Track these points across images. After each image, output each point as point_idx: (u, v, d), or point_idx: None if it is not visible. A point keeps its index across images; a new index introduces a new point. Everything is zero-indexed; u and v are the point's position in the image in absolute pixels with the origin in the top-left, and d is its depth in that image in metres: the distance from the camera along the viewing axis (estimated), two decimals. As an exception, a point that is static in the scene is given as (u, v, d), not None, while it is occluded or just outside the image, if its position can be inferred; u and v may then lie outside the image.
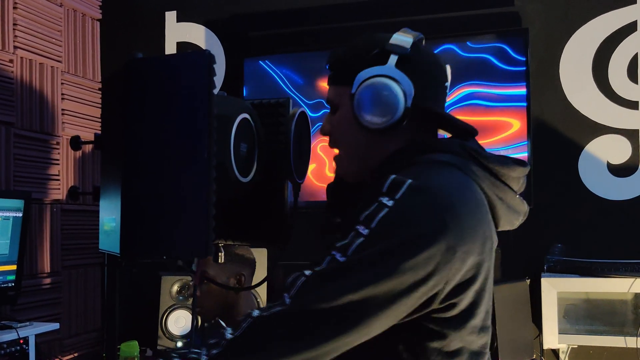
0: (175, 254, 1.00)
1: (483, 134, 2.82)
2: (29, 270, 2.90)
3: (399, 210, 0.91)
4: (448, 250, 0.89)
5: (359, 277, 0.87)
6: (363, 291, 0.86)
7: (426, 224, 0.90)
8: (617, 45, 2.81)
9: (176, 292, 2.97)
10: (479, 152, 1.03)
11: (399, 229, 0.90)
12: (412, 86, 1.03)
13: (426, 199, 0.92)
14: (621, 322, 2.57)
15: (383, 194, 0.93)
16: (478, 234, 0.95)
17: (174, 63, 1.01)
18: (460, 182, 0.99)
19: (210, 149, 0.97)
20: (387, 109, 1.03)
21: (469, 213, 0.94)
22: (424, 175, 0.97)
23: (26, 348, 2.49)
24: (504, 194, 1.04)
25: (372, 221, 0.91)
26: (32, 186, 2.95)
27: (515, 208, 1.07)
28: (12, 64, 2.91)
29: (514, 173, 1.04)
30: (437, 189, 0.93)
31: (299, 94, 3.09)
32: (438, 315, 0.94)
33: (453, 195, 0.94)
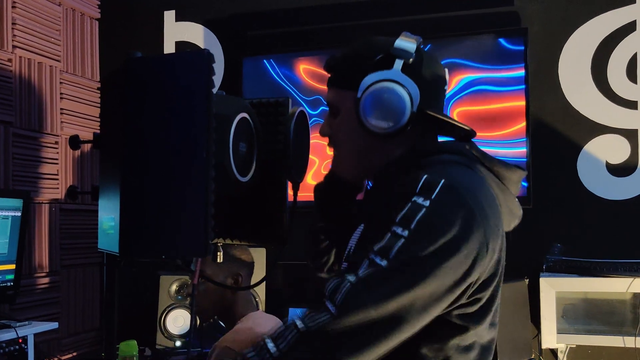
0: (174, 253, 1.00)
1: (483, 129, 2.83)
2: (28, 270, 2.90)
3: (437, 210, 0.91)
4: (481, 246, 0.92)
5: (405, 281, 0.88)
6: (409, 294, 0.87)
7: (463, 222, 0.91)
8: (616, 44, 2.81)
9: (175, 291, 2.97)
10: (483, 154, 1.05)
11: (439, 229, 0.90)
12: (419, 91, 1.04)
13: (459, 197, 0.92)
14: (620, 321, 2.57)
15: (417, 194, 0.93)
16: (500, 230, 0.97)
17: (173, 62, 1.01)
18: (478, 180, 1.00)
19: (209, 149, 0.97)
20: (394, 113, 1.03)
21: (492, 210, 0.97)
22: (451, 174, 0.97)
23: (25, 347, 2.49)
24: (506, 196, 1.06)
25: (411, 222, 0.90)
26: (31, 185, 2.95)
27: (514, 211, 1.09)
28: (10, 63, 2.90)
29: (515, 176, 1.06)
30: (467, 187, 0.95)
31: (299, 93, 3.09)
32: (463, 311, 0.96)
33: (479, 193, 0.96)
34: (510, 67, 2.80)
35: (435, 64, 1.11)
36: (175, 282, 2.97)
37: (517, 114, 2.79)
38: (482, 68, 2.83)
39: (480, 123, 2.82)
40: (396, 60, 1.05)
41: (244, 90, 3.17)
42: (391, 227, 0.92)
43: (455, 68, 2.85)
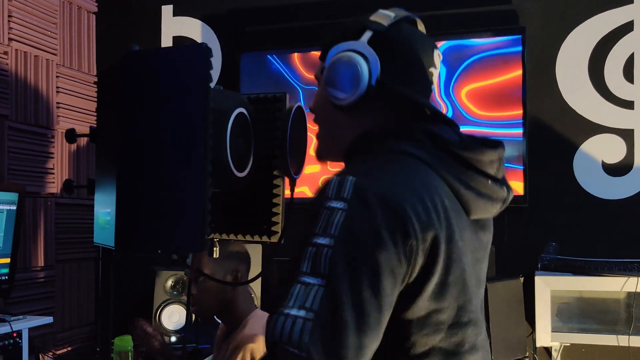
0: (171, 248, 1.00)
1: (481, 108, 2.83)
2: (23, 264, 2.89)
3: (352, 211, 0.86)
4: (406, 244, 0.86)
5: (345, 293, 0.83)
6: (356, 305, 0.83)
7: (383, 221, 0.86)
8: (613, 44, 2.82)
9: (170, 287, 2.97)
10: (444, 139, 0.98)
11: (360, 230, 0.86)
12: (379, 64, 1.00)
13: (374, 193, 0.87)
14: (613, 320, 2.58)
15: (329, 197, 0.88)
16: (431, 227, 0.89)
17: (171, 56, 1.01)
18: (410, 174, 0.94)
19: (207, 143, 0.97)
20: (350, 84, 1.00)
21: (416, 207, 0.89)
22: (367, 169, 0.94)
23: (19, 341, 2.48)
24: (473, 181, 0.98)
25: (331, 228, 0.86)
26: (27, 179, 2.94)
27: (489, 195, 1.00)
28: (6, 56, 2.89)
29: (485, 157, 0.99)
30: (380, 182, 0.90)
31: (296, 88, 3.08)
32: (400, 317, 0.90)
33: (398, 192, 0.89)
34: (508, 65, 2.80)
35: (415, 41, 1.04)
36: (171, 277, 2.97)
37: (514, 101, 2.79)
38: (479, 76, 2.84)
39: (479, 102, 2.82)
40: (366, 31, 1.02)
41: (241, 86, 3.17)
42: (311, 239, 0.87)
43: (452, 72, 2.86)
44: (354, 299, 0.83)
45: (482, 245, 1.07)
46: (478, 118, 2.84)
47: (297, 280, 0.86)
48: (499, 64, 2.83)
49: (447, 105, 2.87)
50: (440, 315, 0.92)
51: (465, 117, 2.84)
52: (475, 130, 2.81)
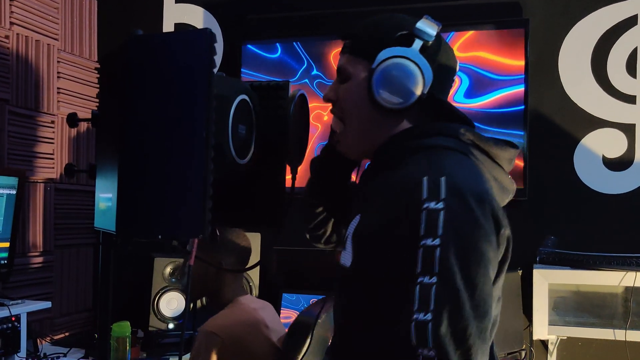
0: (172, 233, 1.00)
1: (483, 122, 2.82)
2: (22, 249, 2.90)
3: (455, 209, 0.91)
4: (500, 235, 0.97)
5: (462, 286, 0.88)
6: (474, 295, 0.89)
7: (481, 215, 0.93)
8: (616, 38, 2.81)
9: (169, 273, 2.97)
10: (477, 135, 1.06)
11: (464, 226, 0.91)
12: (432, 75, 1.05)
13: (468, 191, 0.93)
14: (610, 314, 2.59)
15: (425, 199, 0.91)
16: (505, 217, 0.99)
17: (174, 41, 1.00)
18: (471, 166, 1.03)
19: (209, 129, 0.96)
20: (405, 91, 1.04)
21: (491, 192, 1.00)
22: (446, 167, 0.97)
23: (18, 326, 2.49)
24: (498, 174, 1.08)
25: (437, 229, 0.89)
26: (27, 164, 2.94)
27: (507, 187, 1.10)
28: (8, 40, 2.88)
29: (507, 154, 1.08)
30: (468, 183, 0.96)
31: (299, 76, 3.08)
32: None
33: (477, 180, 0.99)
34: (510, 58, 2.79)
35: (450, 54, 1.13)
36: (169, 264, 2.97)
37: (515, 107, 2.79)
38: (482, 67, 2.83)
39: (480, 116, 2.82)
40: (416, 40, 1.06)
41: (243, 74, 3.16)
42: (418, 242, 0.89)
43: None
44: (470, 290, 0.89)
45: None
46: (477, 108, 2.83)
47: (414, 283, 0.88)
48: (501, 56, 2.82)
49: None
50: (498, 289, 1.04)
51: (466, 109, 2.83)
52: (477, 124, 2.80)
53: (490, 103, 2.83)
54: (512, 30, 2.81)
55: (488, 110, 2.83)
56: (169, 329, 2.93)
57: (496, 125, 2.81)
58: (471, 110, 2.82)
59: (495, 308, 1.03)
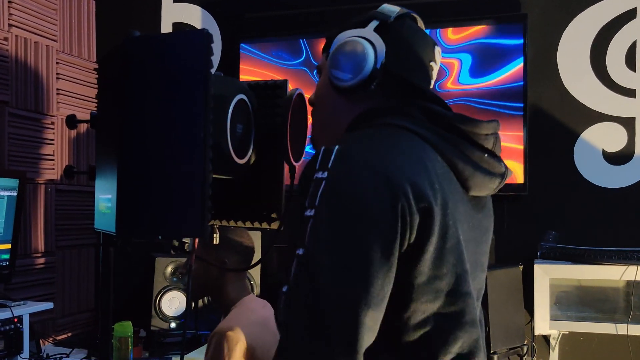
0: (171, 233, 1.00)
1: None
2: (23, 250, 2.90)
3: (335, 178, 0.88)
4: (397, 206, 0.86)
5: (327, 263, 0.84)
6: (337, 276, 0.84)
7: (364, 186, 0.87)
8: (615, 32, 2.81)
9: (170, 273, 2.98)
10: (438, 112, 1.00)
11: (340, 197, 0.87)
12: (385, 48, 1.03)
13: (359, 160, 0.89)
14: (612, 309, 2.59)
15: (317, 169, 0.90)
16: (422, 189, 0.89)
17: (172, 41, 1.01)
18: (403, 144, 0.95)
19: (207, 129, 0.97)
20: (355, 66, 1.03)
21: (405, 171, 0.89)
22: (355, 138, 0.96)
23: (20, 327, 2.49)
24: (470, 153, 0.99)
25: (315, 199, 0.87)
26: (27, 166, 2.94)
27: (488, 169, 1.02)
28: (6, 42, 2.88)
29: (481, 130, 1.00)
30: (367, 149, 0.91)
31: (297, 75, 3.08)
32: (404, 282, 0.90)
33: (384, 156, 0.91)
34: (509, 52, 2.79)
35: (417, 34, 1.09)
36: (171, 264, 2.98)
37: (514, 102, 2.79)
38: (480, 64, 2.83)
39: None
40: (373, 21, 1.06)
41: (241, 73, 3.16)
42: (303, 212, 0.88)
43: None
44: (332, 267, 0.83)
45: (482, 227, 1.08)
46: (478, 100, 2.83)
47: (294, 255, 0.88)
48: (499, 51, 2.82)
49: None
50: (439, 282, 0.92)
51: (467, 104, 2.83)
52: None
53: (494, 82, 2.82)
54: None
55: (492, 87, 2.82)
56: (170, 328, 2.94)
57: (498, 99, 2.81)
58: (477, 90, 2.82)
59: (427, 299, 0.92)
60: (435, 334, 0.93)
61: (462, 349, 0.95)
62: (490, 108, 2.82)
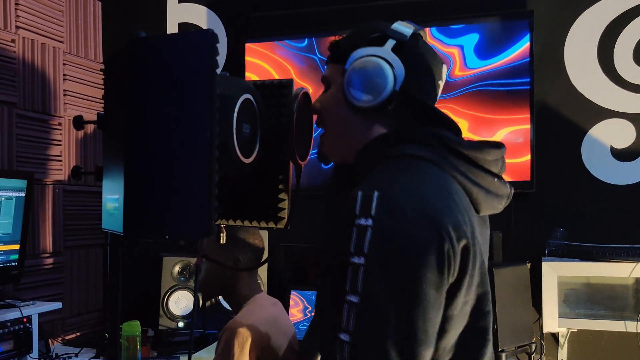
0: (178, 233, 1.00)
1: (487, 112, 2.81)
2: (32, 250, 2.92)
3: (382, 225, 0.88)
4: (447, 250, 0.89)
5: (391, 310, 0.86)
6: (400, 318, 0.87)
7: (412, 231, 0.88)
8: (623, 28, 2.79)
9: (177, 273, 2.98)
10: (452, 140, 1.02)
11: (391, 244, 0.88)
12: (404, 71, 1.04)
13: (401, 206, 0.90)
14: (621, 306, 2.58)
15: (357, 215, 0.90)
16: (461, 227, 0.93)
17: (177, 42, 1.01)
18: (431, 178, 0.98)
19: (213, 129, 0.97)
20: (375, 88, 1.03)
21: (445, 211, 0.92)
22: (388, 179, 0.96)
23: (29, 327, 2.51)
24: (481, 179, 1.03)
25: (362, 246, 0.88)
26: (35, 166, 2.96)
27: (496, 192, 1.06)
28: (14, 44, 2.89)
29: (490, 156, 1.04)
30: (405, 193, 0.92)
31: (302, 77, 3.08)
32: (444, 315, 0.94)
33: (424, 197, 0.92)
34: (516, 50, 2.78)
35: (429, 54, 1.11)
36: (178, 263, 2.98)
37: (521, 99, 2.78)
38: (487, 62, 2.82)
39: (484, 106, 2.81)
40: (389, 39, 1.06)
41: (247, 72, 3.16)
42: (348, 259, 0.89)
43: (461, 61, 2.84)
44: (394, 313, 0.86)
45: (485, 240, 1.12)
46: (488, 69, 2.82)
47: (344, 300, 0.88)
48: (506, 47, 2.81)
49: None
50: (467, 306, 0.97)
51: (478, 90, 2.82)
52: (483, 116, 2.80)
53: (500, 63, 2.81)
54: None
55: (498, 68, 2.81)
56: (178, 328, 2.95)
57: (504, 77, 2.80)
58: (482, 73, 2.81)
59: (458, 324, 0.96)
60: (463, 353, 0.98)
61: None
62: (500, 89, 2.80)
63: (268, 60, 3.15)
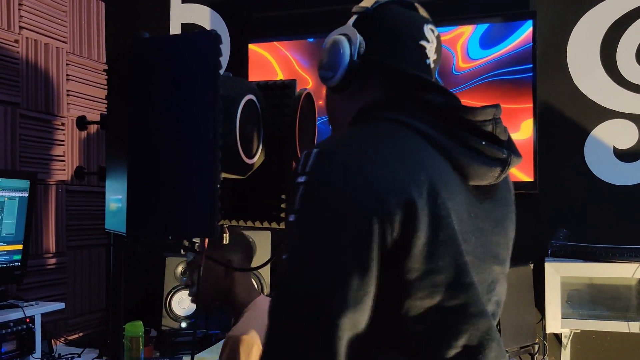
0: (181, 233, 1.00)
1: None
2: (35, 250, 2.92)
3: (312, 182, 0.88)
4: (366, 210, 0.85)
5: (302, 269, 0.86)
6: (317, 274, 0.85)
7: (337, 188, 0.86)
8: (625, 28, 2.79)
9: (180, 273, 2.99)
10: (432, 102, 0.97)
11: (314, 202, 0.87)
12: (362, 40, 1.03)
13: (336, 162, 0.88)
14: (625, 307, 2.57)
15: (298, 174, 0.90)
16: (403, 189, 0.87)
17: (180, 43, 1.01)
18: (384, 137, 0.94)
19: (216, 130, 0.97)
20: (332, 63, 1.04)
21: (383, 168, 0.88)
22: (335, 137, 0.96)
23: (32, 327, 2.51)
24: (466, 141, 0.97)
25: (294, 204, 0.88)
26: (38, 167, 2.96)
27: (487, 154, 0.98)
28: (17, 44, 2.90)
29: (477, 116, 0.97)
30: (345, 150, 0.90)
31: (305, 75, 3.08)
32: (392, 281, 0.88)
33: (362, 155, 0.89)
34: (518, 50, 2.78)
35: (401, 17, 1.06)
36: (181, 263, 2.99)
37: (524, 99, 2.78)
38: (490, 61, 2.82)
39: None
40: (353, 16, 1.06)
41: (250, 73, 3.16)
42: (288, 217, 0.90)
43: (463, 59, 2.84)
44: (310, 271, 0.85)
45: (492, 217, 1.04)
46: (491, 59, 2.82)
47: (280, 257, 0.90)
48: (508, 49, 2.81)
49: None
50: (436, 276, 0.89)
51: (484, 82, 2.82)
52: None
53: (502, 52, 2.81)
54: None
55: (501, 57, 2.82)
56: (181, 328, 2.95)
57: (506, 66, 2.80)
58: (486, 64, 2.81)
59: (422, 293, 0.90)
60: (436, 328, 0.92)
61: (469, 341, 0.94)
62: (504, 77, 2.80)
63: (271, 60, 3.15)
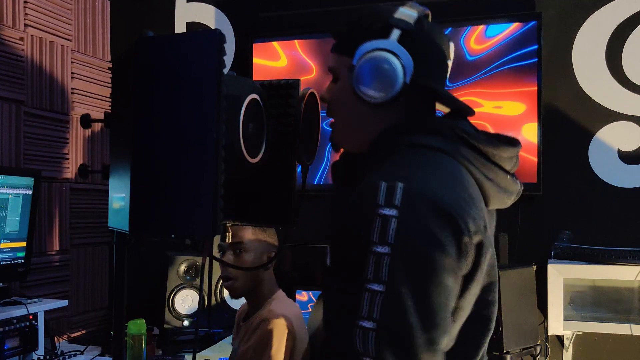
0: (184, 232, 1.01)
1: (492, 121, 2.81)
2: (38, 248, 2.93)
3: (406, 217, 0.90)
4: (463, 243, 0.91)
5: (407, 297, 0.88)
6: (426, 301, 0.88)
7: (436, 224, 0.90)
8: (631, 30, 2.78)
9: (183, 271, 2.99)
10: (469, 133, 1.02)
11: (416, 235, 0.89)
12: (412, 62, 1.03)
13: (424, 200, 0.91)
14: (627, 309, 2.57)
15: (381, 205, 0.90)
16: (476, 220, 0.95)
17: (184, 42, 1.01)
18: (447, 171, 0.99)
19: (219, 129, 0.97)
20: (386, 83, 1.03)
21: (462, 205, 0.94)
22: (409, 172, 0.96)
23: (35, 324, 2.52)
24: (494, 175, 1.04)
25: (386, 236, 0.89)
26: (42, 164, 2.97)
27: (507, 188, 1.06)
28: (22, 42, 2.91)
29: (505, 153, 1.04)
30: (427, 190, 0.93)
31: (310, 74, 3.08)
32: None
33: (445, 192, 0.93)
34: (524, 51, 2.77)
35: (436, 36, 1.09)
36: (184, 262, 2.99)
37: (528, 100, 2.77)
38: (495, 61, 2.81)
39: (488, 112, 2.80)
40: (394, 29, 1.04)
41: (254, 72, 3.17)
42: (371, 248, 0.89)
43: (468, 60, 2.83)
44: (417, 300, 0.87)
45: (493, 232, 1.12)
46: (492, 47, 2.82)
47: (364, 289, 0.89)
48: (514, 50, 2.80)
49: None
50: (473, 297, 0.99)
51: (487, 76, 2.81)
52: (491, 113, 2.79)
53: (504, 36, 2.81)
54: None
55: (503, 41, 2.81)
56: (184, 326, 2.95)
57: (510, 52, 2.80)
58: (488, 52, 2.81)
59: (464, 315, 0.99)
60: (465, 341, 1.00)
61: (484, 352, 1.04)
62: (508, 65, 2.80)
63: (275, 60, 3.15)
